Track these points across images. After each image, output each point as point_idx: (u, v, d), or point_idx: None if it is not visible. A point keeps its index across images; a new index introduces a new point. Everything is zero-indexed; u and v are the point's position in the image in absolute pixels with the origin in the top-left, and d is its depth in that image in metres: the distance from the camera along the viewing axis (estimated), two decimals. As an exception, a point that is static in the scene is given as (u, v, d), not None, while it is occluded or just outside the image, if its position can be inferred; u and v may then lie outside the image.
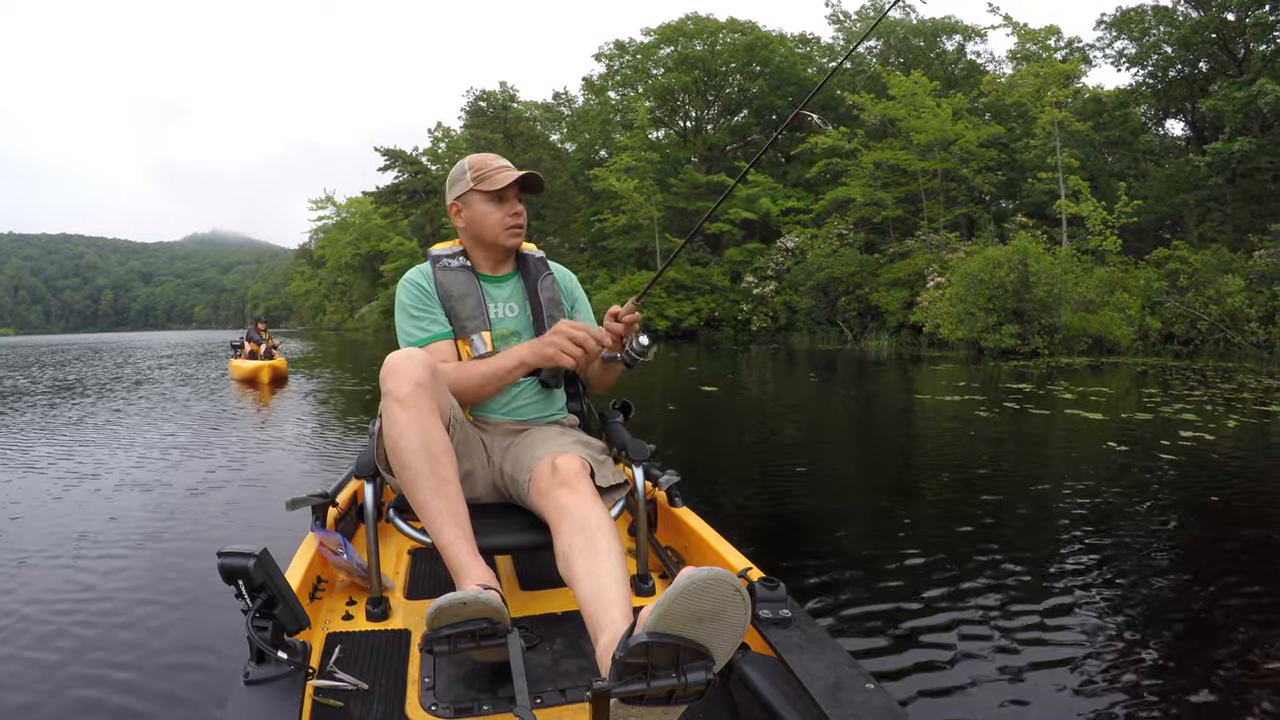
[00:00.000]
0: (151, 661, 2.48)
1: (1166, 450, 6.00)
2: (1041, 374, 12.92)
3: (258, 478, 5.40)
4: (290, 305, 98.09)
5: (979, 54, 34.96)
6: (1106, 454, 5.99)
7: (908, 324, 22.84)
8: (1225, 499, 4.63)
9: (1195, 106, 25.16)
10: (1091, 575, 3.19)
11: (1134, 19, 25.55)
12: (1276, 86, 19.03)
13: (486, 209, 2.18)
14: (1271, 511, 4.43)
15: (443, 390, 1.90)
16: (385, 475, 1.96)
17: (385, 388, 1.81)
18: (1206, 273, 17.64)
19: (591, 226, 34.85)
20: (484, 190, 2.17)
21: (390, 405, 1.79)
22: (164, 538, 3.92)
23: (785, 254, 29.29)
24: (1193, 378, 11.65)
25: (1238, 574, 3.26)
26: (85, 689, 2.31)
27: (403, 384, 1.79)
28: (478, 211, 2.19)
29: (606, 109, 39.00)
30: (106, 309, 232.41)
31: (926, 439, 7.29)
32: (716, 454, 6.39)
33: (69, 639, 2.67)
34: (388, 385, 1.81)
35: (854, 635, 2.61)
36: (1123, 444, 6.31)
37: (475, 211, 2.20)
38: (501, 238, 2.21)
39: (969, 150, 25.63)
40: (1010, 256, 18.39)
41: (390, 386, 1.80)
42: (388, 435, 1.80)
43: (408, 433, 1.76)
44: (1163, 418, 7.62)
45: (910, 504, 4.63)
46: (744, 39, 36.40)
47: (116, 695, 2.26)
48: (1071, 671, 2.34)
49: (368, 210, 55.82)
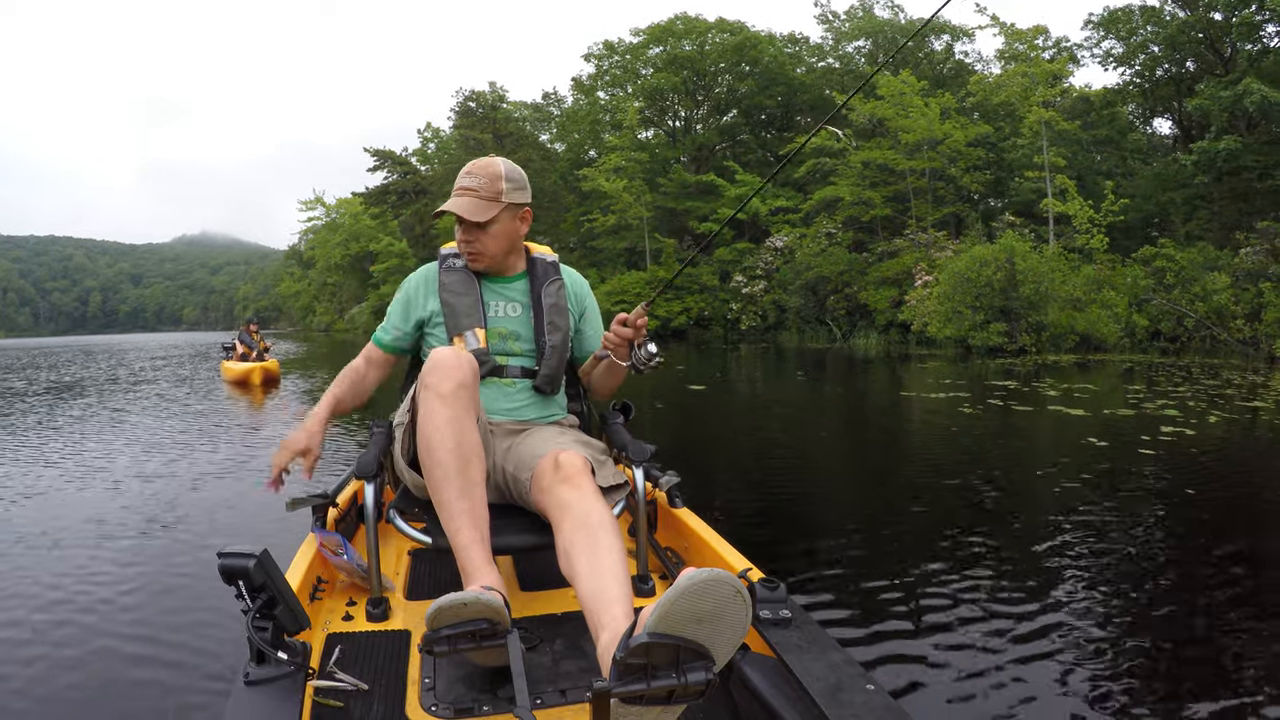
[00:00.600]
0: (151, 662, 2.48)
1: (1147, 445, 6.01)
2: (1028, 371, 12.96)
3: (256, 477, 5.36)
4: (280, 306, 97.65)
5: (967, 54, 35.10)
6: (1087, 450, 5.98)
7: (896, 322, 22.87)
8: (1202, 492, 4.66)
9: (1182, 105, 25.23)
10: (1083, 572, 3.22)
11: (1121, 19, 25.60)
12: (1262, 86, 19.13)
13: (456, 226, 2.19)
14: (1247, 504, 4.49)
15: (478, 392, 1.90)
16: (402, 469, 1.96)
17: (427, 381, 1.80)
18: (1192, 270, 17.71)
19: (581, 227, 34.81)
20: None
21: (431, 400, 1.79)
22: (163, 538, 3.92)
23: (774, 253, 29.30)
24: (1178, 374, 11.68)
25: (1214, 566, 3.31)
26: (85, 690, 2.31)
27: (446, 381, 1.78)
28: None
29: (596, 109, 38.94)
30: (95, 311, 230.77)
31: (914, 436, 7.29)
32: (707, 452, 6.39)
33: (68, 639, 2.67)
34: (430, 379, 1.80)
35: (854, 635, 2.61)
36: (1104, 440, 6.31)
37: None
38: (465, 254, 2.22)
39: (957, 150, 25.66)
40: (997, 255, 18.44)
41: (433, 381, 1.79)
42: (423, 430, 1.79)
43: (445, 430, 1.76)
44: (1145, 414, 7.62)
45: (903, 503, 4.63)
46: (733, 39, 36.37)
47: (116, 696, 2.27)
48: (1071, 670, 2.34)
49: (357, 211, 55.68)
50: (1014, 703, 2.16)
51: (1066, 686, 2.24)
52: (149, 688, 2.30)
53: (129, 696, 2.25)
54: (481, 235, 2.15)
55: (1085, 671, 2.32)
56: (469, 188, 2.13)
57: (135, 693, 2.27)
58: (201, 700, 2.21)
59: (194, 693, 2.27)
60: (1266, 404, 8.25)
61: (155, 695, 2.25)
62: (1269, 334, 14.94)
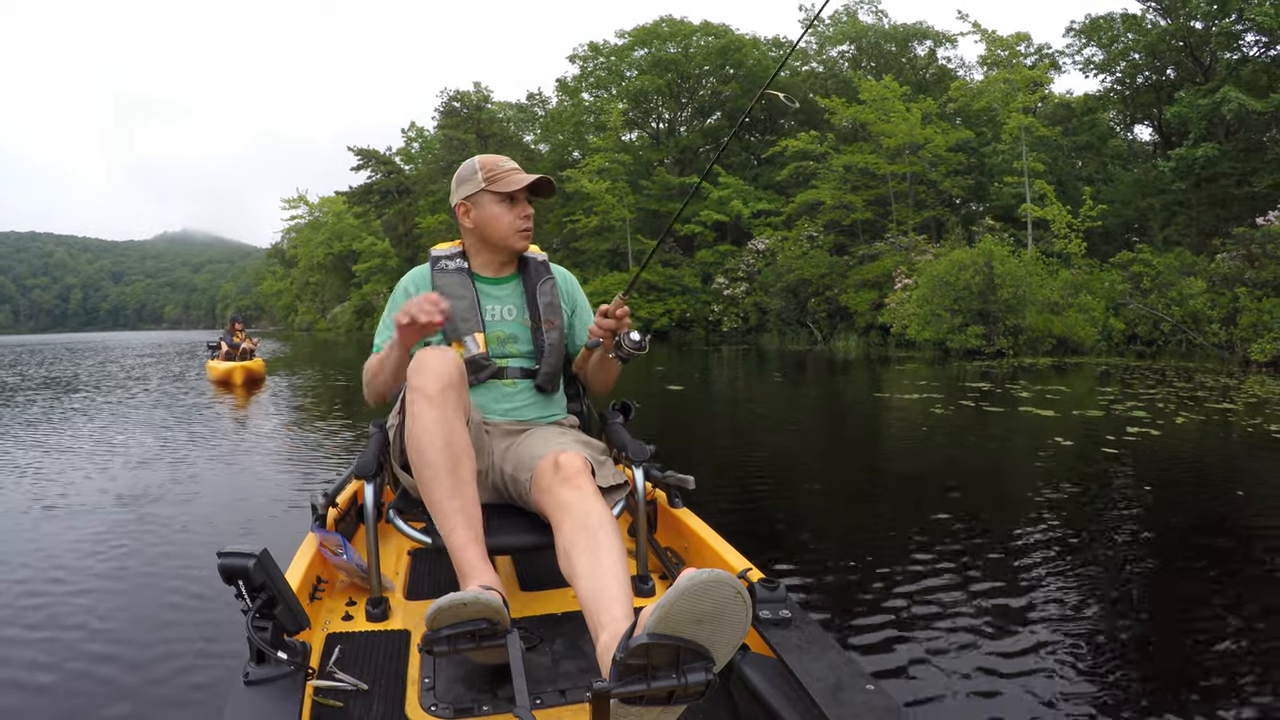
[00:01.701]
0: (151, 662, 2.47)
1: (1111, 445, 6.01)
2: (1005, 374, 12.98)
3: (256, 477, 5.35)
4: (262, 305, 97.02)
5: (950, 59, 35.26)
6: (1055, 449, 5.98)
7: (876, 325, 22.93)
8: (1161, 490, 4.70)
9: (1162, 113, 25.41)
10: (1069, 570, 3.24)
11: (1103, 26, 25.77)
12: (1240, 94, 19.29)
13: (498, 210, 2.17)
14: (1205, 501, 4.53)
15: (467, 392, 1.89)
16: (398, 470, 1.97)
17: (413, 383, 1.80)
18: (1169, 275, 17.82)
19: (564, 228, 34.73)
20: (496, 191, 2.16)
21: (418, 401, 1.78)
22: (162, 538, 3.88)
23: (756, 256, 29.34)
24: (1152, 377, 11.71)
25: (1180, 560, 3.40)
26: (84, 690, 2.29)
27: (432, 381, 1.78)
28: (488, 212, 2.18)
29: (580, 110, 38.87)
30: (76, 308, 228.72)
31: (886, 436, 7.27)
32: (687, 451, 6.35)
33: (67, 639, 2.65)
34: (416, 381, 1.80)
35: (854, 635, 2.61)
36: (1069, 439, 6.30)
37: (486, 212, 2.19)
38: (512, 239, 2.21)
39: (937, 154, 25.77)
40: (975, 259, 18.52)
41: (419, 382, 1.79)
42: (411, 431, 1.79)
43: (433, 430, 1.76)
44: (1114, 415, 7.61)
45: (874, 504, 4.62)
46: (717, 42, 36.44)
47: (116, 696, 2.25)
48: (1071, 669, 2.34)
49: (340, 210, 55.41)
50: (1014, 702, 2.16)
51: (1066, 686, 2.23)
52: (149, 688, 2.29)
53: (129, 697, 2.24)
54: (533, 213, 2.24)
55: (1085, 671, 2.33)
56: (518, 168, 2.21)
57: (135, 693, 2.26)
58: (201, 700, 2.21)
59: (194, 693, 2.27)
60: (1235, 406, 8.25)
61: (155, 695, 2.25)
62: (1244, 338, 15.00)
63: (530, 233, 2.23)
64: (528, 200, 2.22)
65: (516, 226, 2.18)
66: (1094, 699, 2.16)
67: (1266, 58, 21.28)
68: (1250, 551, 3.55)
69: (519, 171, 2.20)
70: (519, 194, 2.18)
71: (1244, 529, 3.93)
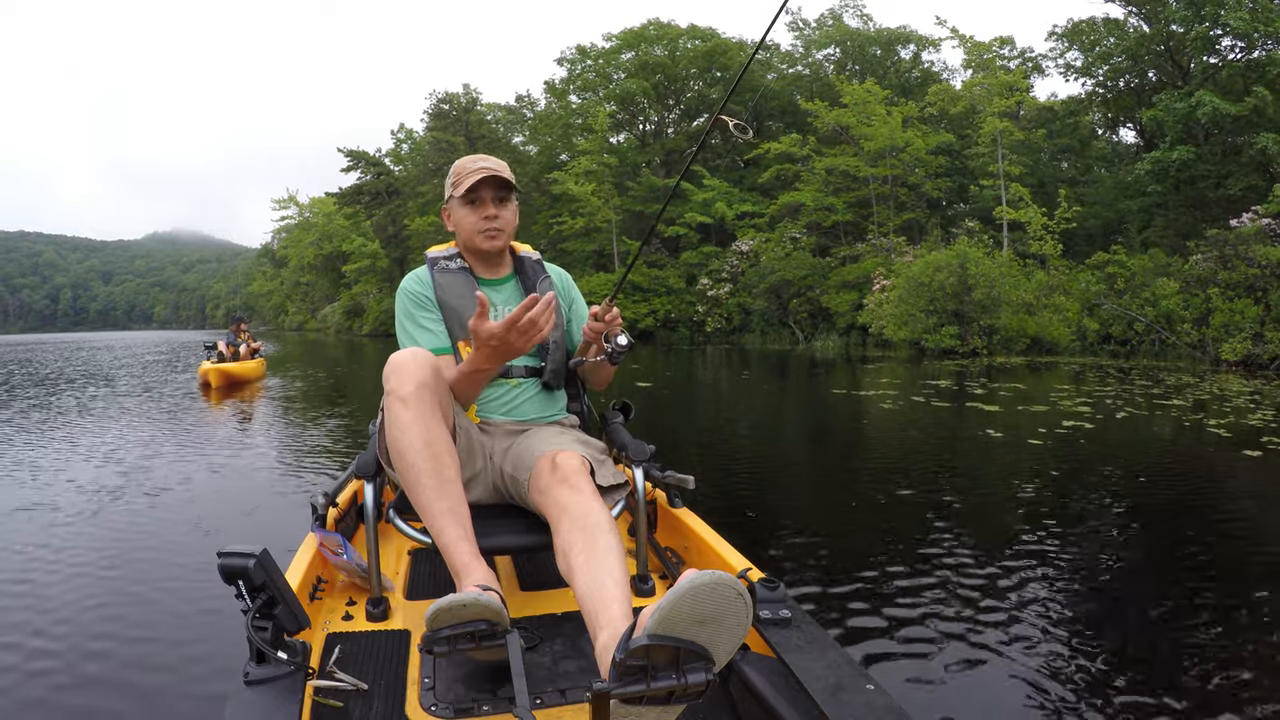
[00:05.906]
0: (151, 662, 2.48)
1: (1040, 437, 6.14)
2: (977, 372, 13.11)
3: (256, 477, 5.35)
4: (252, 305, 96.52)
5: (933, 63, 35.41)
6: (988, 441, 6.12)
7: (856, 325, 23.03)
8: (1074, 474, 4.83)
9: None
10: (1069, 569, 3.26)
11: (1085, 30, 25.94)
12: (1214, 98, 19.45)
13: (463, 213, 2.19)
14: (1115, 485, 4.63)
15: (445, 390, 1.89)
16: (388, 471, 1.95)
17: (388, 386, 1.80)
18: (1144, 276, 17.98)
19: (550, 229, 34.79)
20: (458, 195, 2.16)
21: (393, 404, 1.78)
22: (162, 538, 3.88)
23: (740, 257, 29.40)
24: (1115, 376, 11.84)
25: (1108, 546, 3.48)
26: (84, 690, 2.30)
27: (405, 383, 1.77)
28: (457, 216, 2.21)
29: (567, 112, 38.92)
30: (65, 308, 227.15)
31: (836, 430, 7.36)
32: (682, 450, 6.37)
33: (67, 639, 2.65)
34: (390, 384, 1.79)
35: (854, 635, 2.61)
36: (1001, 431, 6.45)
37: (456, 216, 2.21)
38: (477, 240, 2.19)
39: (918, 157, 25.92)
40: (950, 260, 18.67)
41: (393, 385, 1.79)
42: (390, 434, 1.79)
43: (410, 431, 1.75)
44: (1057, 410, 7.73)
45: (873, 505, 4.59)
46: (704, 45, 36.53)
47: (116, 696, 2.26)
48: (1070, 667, 2.35)
49: (330, 211, 55.24)
50: (1014, 702, 2.17)
51: (1067, 684, 2.25)
52: (149, 688, 2.30)
53: (129, 697, 2.25)
54: (503, 212, 2.20)
55: (1085, 668, 2.35)
56: (488, 166, 2.17)
57: (135, 693, 2.27)
58: (201, 700, 2.21)
59: (194, 692, 2.27)
60: (1184, 403, 8.37)
61: (155, 695, 2.26)
62: (1215, 338, 15.16)
63: (496, 233, 2.19)
64: (496, 201, 2.18)
65: (479, 228, 2.17)
66: (1094, 696, 2.17)
67: (1242, 62, 21.47)
68: (1157, 528, 3.67)
69: (479, 172, 2.16)
70: (481, 196, 2.16)
71: (1150, 512, 4.02)
